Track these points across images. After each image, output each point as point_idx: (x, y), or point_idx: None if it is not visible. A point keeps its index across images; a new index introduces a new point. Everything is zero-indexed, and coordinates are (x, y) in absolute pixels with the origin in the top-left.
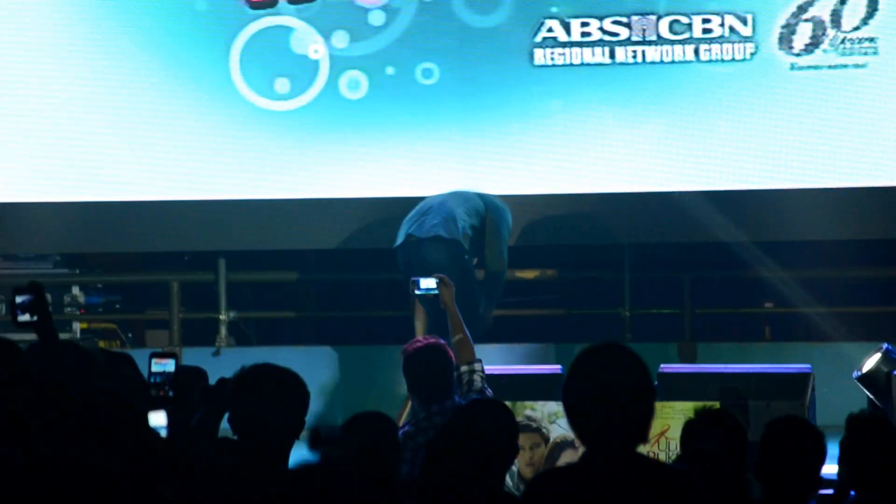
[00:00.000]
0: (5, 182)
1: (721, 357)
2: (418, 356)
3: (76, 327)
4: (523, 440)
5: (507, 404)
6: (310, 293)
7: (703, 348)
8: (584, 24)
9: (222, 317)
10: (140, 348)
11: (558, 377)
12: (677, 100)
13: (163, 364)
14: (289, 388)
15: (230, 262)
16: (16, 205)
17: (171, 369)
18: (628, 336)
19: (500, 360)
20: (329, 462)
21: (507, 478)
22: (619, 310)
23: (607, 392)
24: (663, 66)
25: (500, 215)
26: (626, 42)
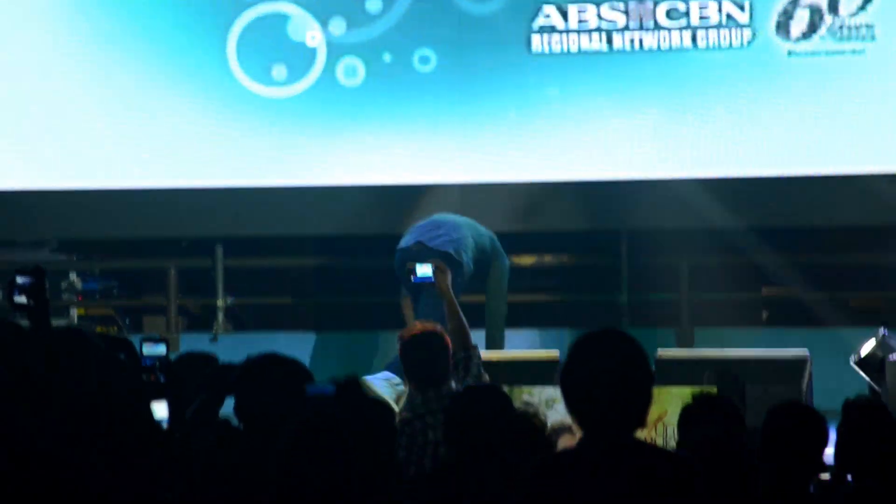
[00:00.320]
0: (3, 169)
1: (718, 342)
2: (416, 342)
3: (74, 313)
4: None
5: (505, 390)
6: (307, 279)
7: (700, 333)
8: (581, 11)
9: (220, 303)
10: (138, 334)
11: (555, 362)
12: (674, 87)
13: (154, 349)
14: (295, 379)
15: (227, 249)
16: (13, 192)
17: (163, 354)
18: (626, 322)
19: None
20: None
21: None
22: (616, 295)
23: (606, 378)
24: (660, 54)
25: (504, 266)
26: (624, 29)
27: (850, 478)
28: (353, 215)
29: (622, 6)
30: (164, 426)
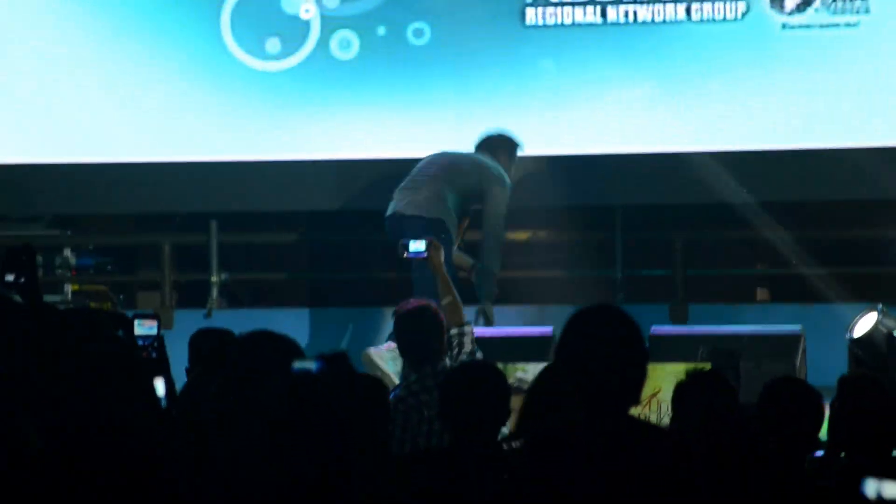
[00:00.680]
0: None
1: (712, 318)
2: (409, 318)
3: (67, 289)
4: (514, 402)
5: (498, 366)
6: (301, 254)
7: (694, 310)
8: None
9: (214, 278)
10: (132, 310)
11: (549, 339)
12: (669, 60)
13: (145, 326)
14: (288, 356)
15: (222, 224)
16: (6, 166)
17: (154, 331)
18: (620, 297)
19: None
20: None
21: None
22: (610, 271)
23: (601, 354)
24: (655, 26)
25: (497, 205)
26: (618, 1)
27: (843, 455)
28: (348, 189)
29: None
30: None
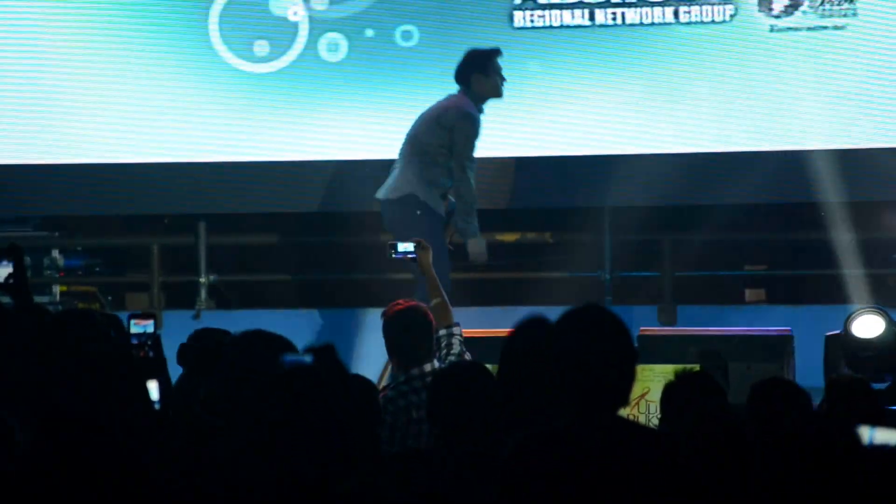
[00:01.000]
0: None
1: (701, 320)
2: (398, 319)
3: (56, 290)
4: None
5: (487, 367)
6: (290, 256)
7: (683, 311)
8: None
9: (202, 280)
10: (120, 311)
11: None
12: (657, 62)
13: (142, 325)
14: (281, 355)
15: (210, 225)
16: None
17: (151, 330)
18: (608, 299)
19: (478, 323)
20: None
21: None
22: (599, 272)
23: (589, 355)
24: (643, 28)
25: (459, 140)
26: (606, 4)
27: None
28: (337, 191)
29: None
30: (157, 406)
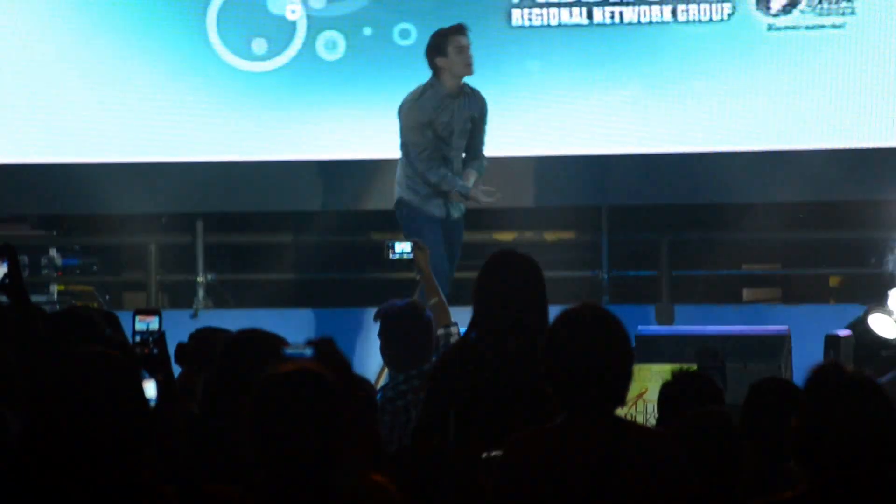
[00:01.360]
0: None
1: (698, 319)
2: (397, 318)
3: (53, 289)
4: None
5: None
6: (288, 255)
7: (680, 310)
8: None
9: (200, 279)
10: (118, 310)
11: None
12: (655, 61)
13: (147, 321)
14: (277, 354)
15: (208, 224)
16: None
17: (155, 327)
18: (605, 298)
19: None
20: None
21: None
22: (596, 272)
23: (587, 355)
24: (641, 27)
25: (401, 129)
26: (604, 3)
27: None
28: (335, 190)
29: None
30: (152, 405)
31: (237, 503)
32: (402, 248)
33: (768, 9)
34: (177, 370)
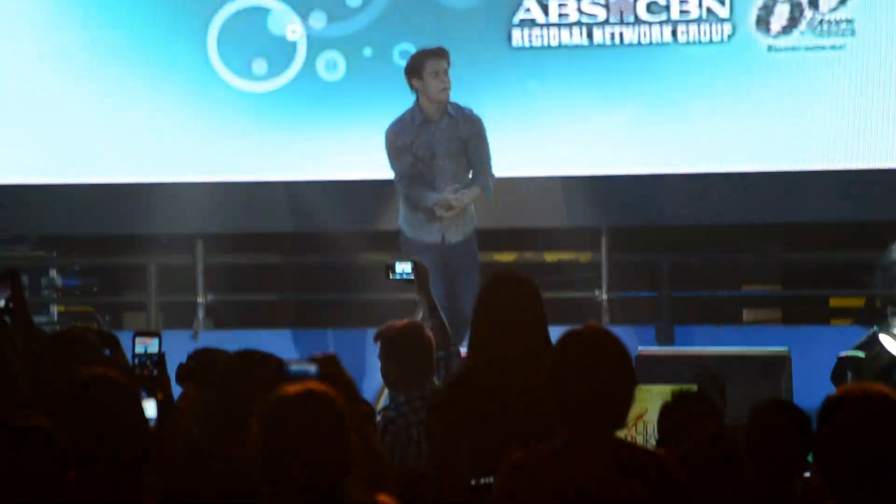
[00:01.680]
0: None
1: (699, 339)
2: (398, 339)
3: (54, 310)
4: None
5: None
6: (287, 275)
7: (680, 331)
8: (561, 6)
9: (200, 299)
10: (118, 331)
11: None
12: (655, 82)
13: (146, 344)
14: (278, 375)
15: (207, 245)
16: None
17: (155, 349)
18: (606, 319)
19: None
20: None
21: None
22: (597, 292)
23: (588, 377)
24: (641, 48)
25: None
26: (604, 24)
27: None
28: (335, 210)
29: (603, 0)
30: (151, 424)
31: None
32: (403, 268)
33: (768, 30)
34: (177, 390)
